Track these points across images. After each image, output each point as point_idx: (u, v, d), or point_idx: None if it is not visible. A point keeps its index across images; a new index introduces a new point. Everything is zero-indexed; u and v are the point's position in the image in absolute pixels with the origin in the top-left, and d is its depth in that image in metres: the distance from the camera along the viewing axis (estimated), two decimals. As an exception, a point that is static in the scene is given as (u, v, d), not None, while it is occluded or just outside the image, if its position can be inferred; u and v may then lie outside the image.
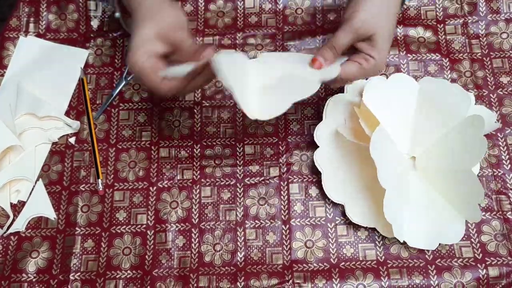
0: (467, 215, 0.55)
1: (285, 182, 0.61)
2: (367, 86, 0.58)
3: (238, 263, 0.58)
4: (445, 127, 0.57)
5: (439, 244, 0.56)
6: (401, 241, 0.54)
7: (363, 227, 0.58)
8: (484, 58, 0.66)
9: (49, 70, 0.67)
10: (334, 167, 0.59)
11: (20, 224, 0.59)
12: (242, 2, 0.70)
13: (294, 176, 0.61)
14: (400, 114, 0.60)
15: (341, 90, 0.63)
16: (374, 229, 0.57)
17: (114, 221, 0.60)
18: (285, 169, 0.62)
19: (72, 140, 0.64)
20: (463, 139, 0.55)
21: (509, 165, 0.61)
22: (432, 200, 0.57)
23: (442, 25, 0.68)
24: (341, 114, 0.61)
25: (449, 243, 0.56)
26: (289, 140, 0.63)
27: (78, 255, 0.58)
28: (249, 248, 0.58)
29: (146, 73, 0.50)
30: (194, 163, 0.62)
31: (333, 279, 0.56)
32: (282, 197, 0.60)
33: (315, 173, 0.61)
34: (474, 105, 0.60)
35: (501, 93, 0.64)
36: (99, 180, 0.61)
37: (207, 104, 0.65)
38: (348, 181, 0.59)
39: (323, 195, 0.60)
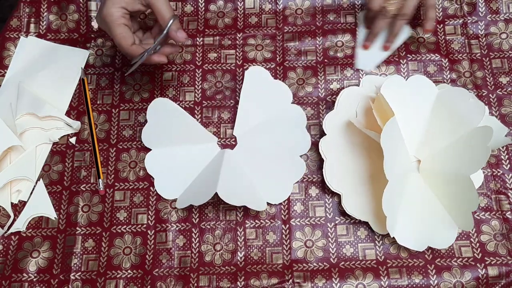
0: (460, 223, 0.55)
1: (285, 182, 0.61)
2: (385, 83, 0.59)
3: (238, 262, 0.58)
4: (455, 135, 0.57)
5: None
6: (391, 236, 0.54)
7: (362, 226, 0.58)
8: (484, 59, 0.66)
9: (49, 70, 0.67)
10: (338, 156, 0.60)
11: (20, 224, 0.60)
12: (242, 3, 0.70)
13: (294, 176, 0.61)
14: (413, 116, 0.60)
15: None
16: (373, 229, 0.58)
17: (114, 221, 0.60)
18: (285, 169, 0.62)
19: (72, 140, 0.64)
20: (469, 147, 0.55)
21: (509, 165, 0.61)
22: (429, 203, 0.57)
23: (441, 25, 0.68)
24: (353, 106, 0.61)
25: (438, 248, 0.55)
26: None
27: (79, 254, 0.58)
28: (249, 248, 0.58)
29: (116, 25, 0.55)
30: (195, 163, 0.62)
31: (333, 279, 0.56)
32: (282, 197, 0.60)
33: (315, 173, 0.61)
34: (488, 116, 0.59)
35: (500, 93, 0.64)
36: (100, 180, 0.61)
37: (207, 104, 0.65)
38: (349, 172, 0.59)
39: (323, 195, 0.60)
